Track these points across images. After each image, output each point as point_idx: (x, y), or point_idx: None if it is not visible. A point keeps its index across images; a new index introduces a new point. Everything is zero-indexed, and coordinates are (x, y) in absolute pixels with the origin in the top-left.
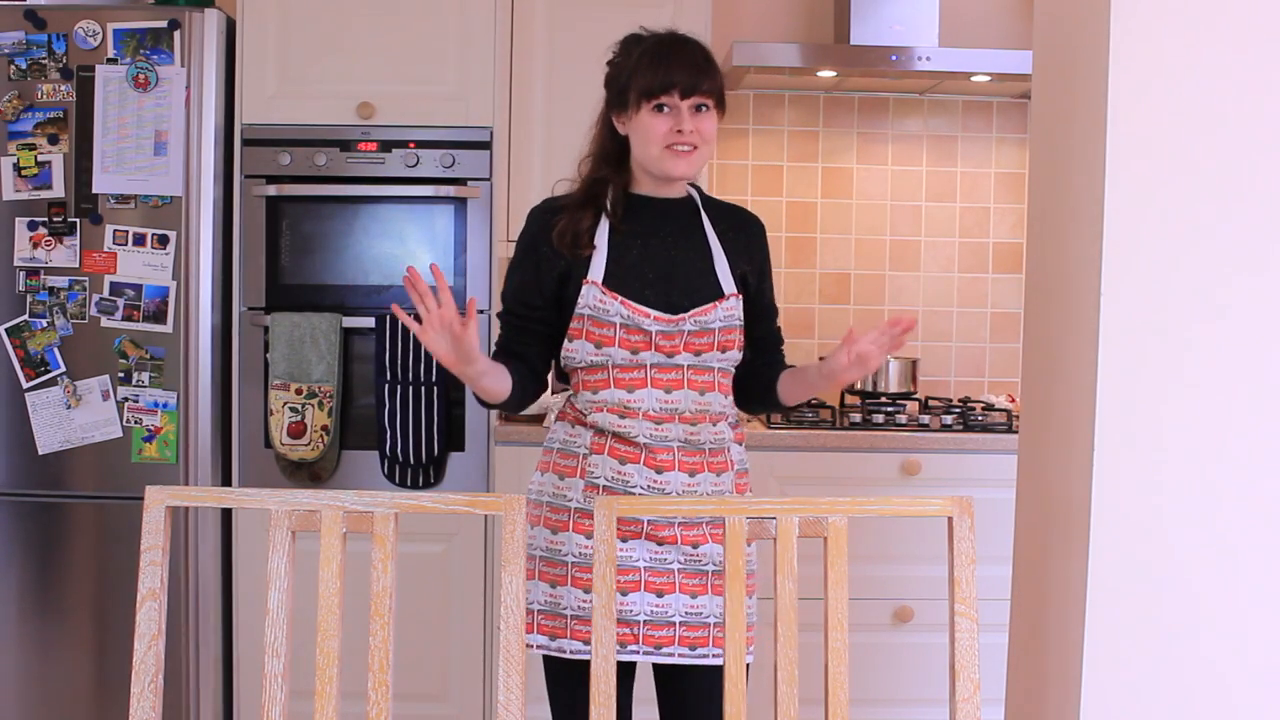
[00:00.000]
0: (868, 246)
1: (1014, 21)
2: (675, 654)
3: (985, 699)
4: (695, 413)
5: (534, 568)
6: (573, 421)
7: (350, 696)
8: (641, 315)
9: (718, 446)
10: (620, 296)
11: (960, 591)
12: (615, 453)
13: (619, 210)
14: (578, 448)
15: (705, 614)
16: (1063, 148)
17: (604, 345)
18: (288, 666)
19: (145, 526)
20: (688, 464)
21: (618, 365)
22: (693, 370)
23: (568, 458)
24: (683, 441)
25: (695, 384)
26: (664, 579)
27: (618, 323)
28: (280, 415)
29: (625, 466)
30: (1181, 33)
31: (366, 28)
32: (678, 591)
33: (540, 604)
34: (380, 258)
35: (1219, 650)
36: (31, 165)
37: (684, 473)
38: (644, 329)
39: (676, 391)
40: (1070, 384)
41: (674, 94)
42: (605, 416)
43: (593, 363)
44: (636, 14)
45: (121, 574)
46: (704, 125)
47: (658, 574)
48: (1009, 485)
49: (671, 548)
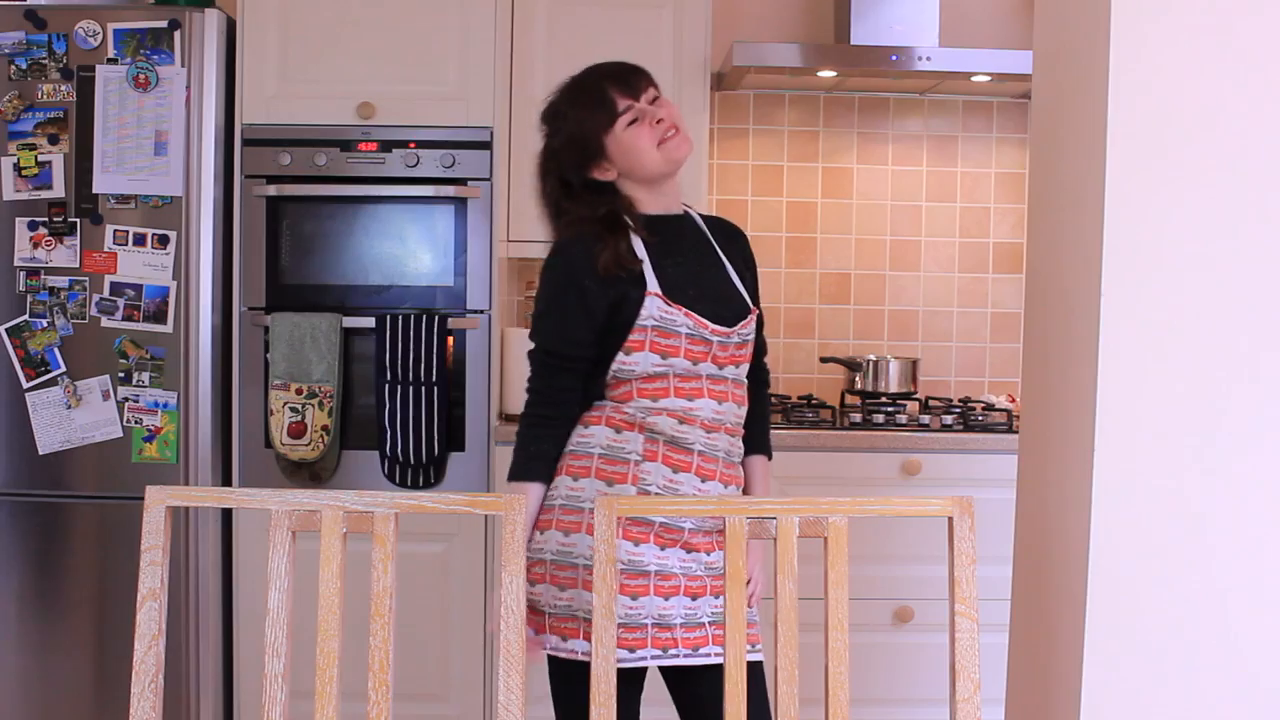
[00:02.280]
0: (868, 246)
1: (1014, 21)
2: (711, 653)
3: (985, 699)
4: (734, 425)
5: (545, 572)
6: (619, 427)
7: (350, 696)
8: (703, 326)
9: (740, 458)
10: (683, 308)
11: (960, 591)
12: (669, 460)
13: (639, 223)
14: (628, 454)
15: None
16: (1063, 148)
17: (669, 355)
18: (288, 666)
19: (145, 526)
20: (726, 475)
21: (679, 374)
22: (734, 383)
23: (614, 463)
24: (725, 453)
25: (737, 397)
26: (698, 583)
27: (683, 333)
28: (280, 415)
29: (678, 475)
30: (1182, 32)
31: (366, 28)
32: (709, 594)
33: (554, 608)
34: (380, 258)
35: (1219, 650)
36: (32, 165)
37: (721, 483)
38: (706, 339)
39: (725, 404)
40: (1070, 384)
41: (629, 100)
42: (666, 420)
43: (654, 372)
44: (636, 14)
45: (121, 574)
46: (670, 109)
47: (694, 578)
48: (1009, 485)
49: (699, 554)
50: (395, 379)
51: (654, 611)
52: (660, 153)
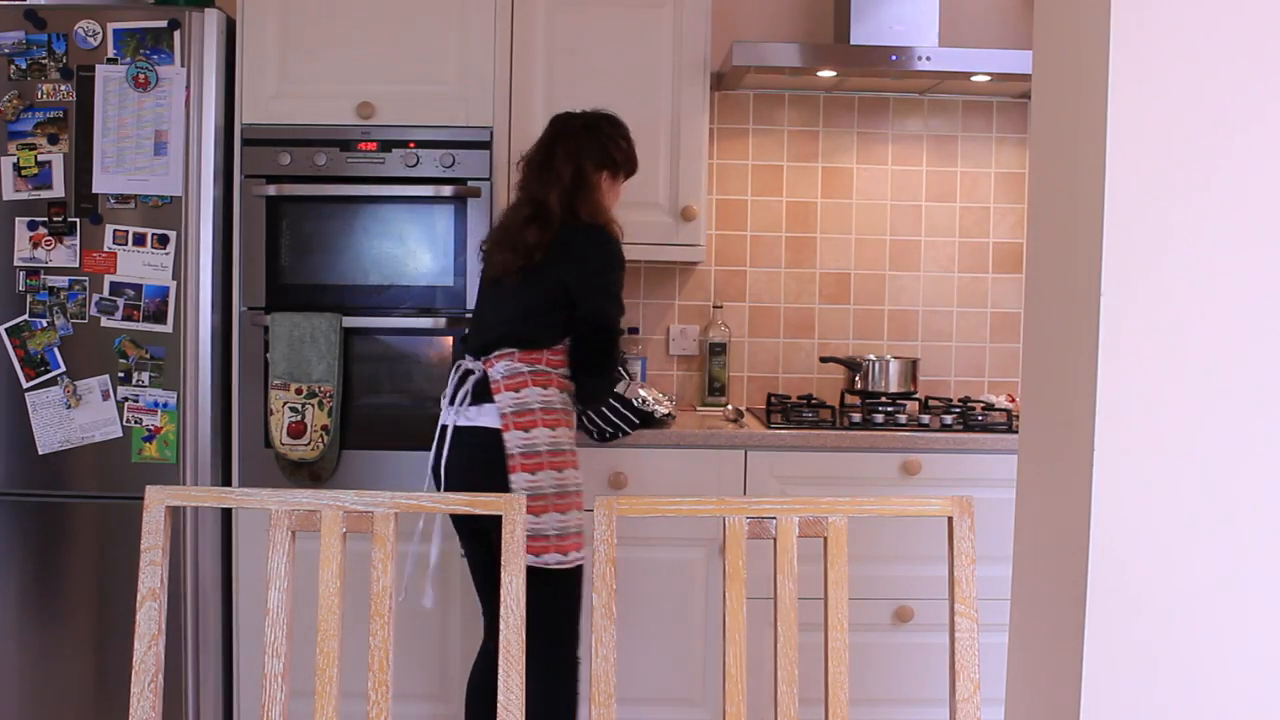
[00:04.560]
0: (868, 246)
1: (1014, 21)
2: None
3: (985, 699)
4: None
5: (547, 504)
6: (561, 387)
7: (350, 696)
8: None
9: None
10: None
11: (960, 591)
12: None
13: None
14: (569, 405)
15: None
16: (1063, 148)
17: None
18: (288, 666)
19: (145, 526)
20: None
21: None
22: None
23: (566, 413)
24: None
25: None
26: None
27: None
28: (280, 415)
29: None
30: (1182, 32)
31: (366, 28)
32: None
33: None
34: (380, 258)
35: (1220, 650)
36: (31, 165)
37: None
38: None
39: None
40: (1070, 384)
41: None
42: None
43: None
44: (636, 14)
45: (121, 574)
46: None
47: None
48: (1009, 485)
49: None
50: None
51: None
52: (610, 212)
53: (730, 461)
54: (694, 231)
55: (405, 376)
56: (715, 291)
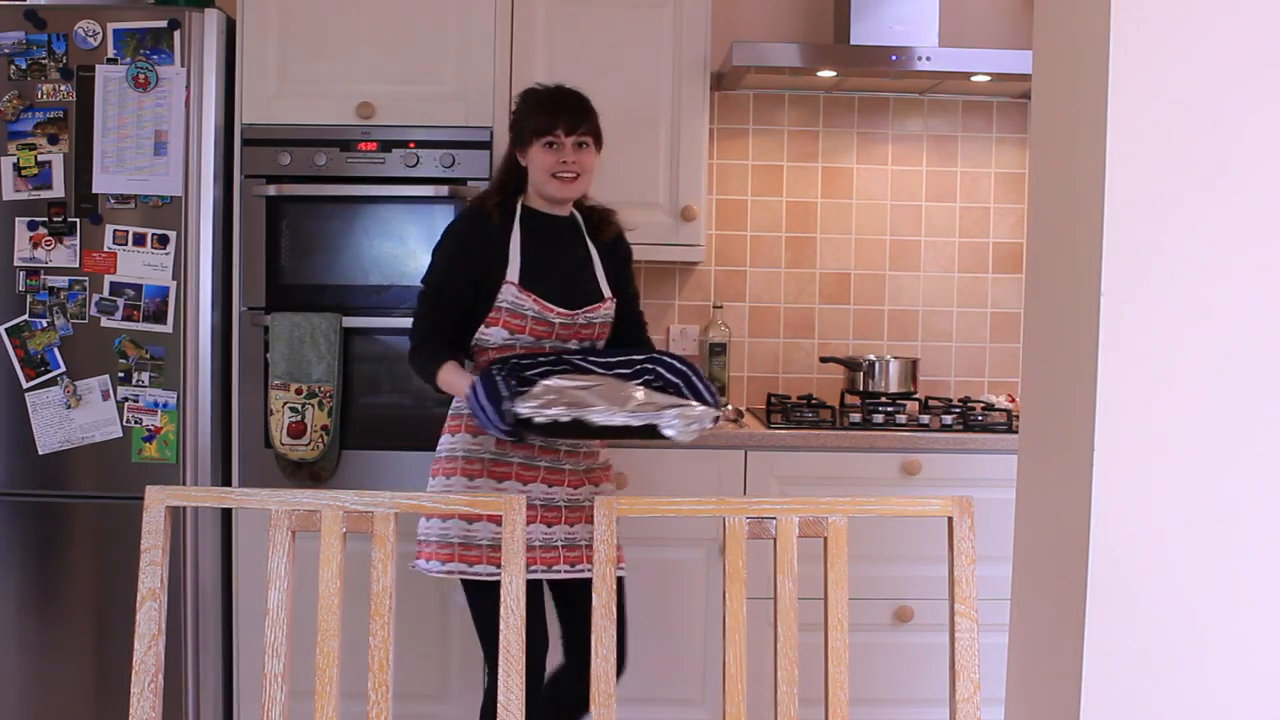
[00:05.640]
0: (868, 246)
1: (1014, 21)
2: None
3: (985, 699)
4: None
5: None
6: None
7: (350, 696)
8: (547, 310)
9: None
10: (533, 295)
11: (960, 591)
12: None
13: (520, 215)
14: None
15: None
16: (1063, 148)
17: (516, 332)
18: (288, 666)
19: (145, 526)
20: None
21: (524, 347)
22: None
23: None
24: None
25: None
26: (553, 514)
27: (529, 315)
28: (280, 415)
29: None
30: (1182, 32)
31: (366, 28)
32: (564, 523)
33: (459, 537)
34: (380, 258)
35: (1219, 650)
36: (31, 165)
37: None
38: (549, 321)
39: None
40: (1070, 384)
41: (559, 133)
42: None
43: (504, 343)
44: (636, 14)
45: (121, 574)
46: (584, 158)
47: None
48: (1009, 485)
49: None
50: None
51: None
52: (546, 180)
53: (730, 461)
54: (694, 231)
55: (405, 376)
56: (715, 291)
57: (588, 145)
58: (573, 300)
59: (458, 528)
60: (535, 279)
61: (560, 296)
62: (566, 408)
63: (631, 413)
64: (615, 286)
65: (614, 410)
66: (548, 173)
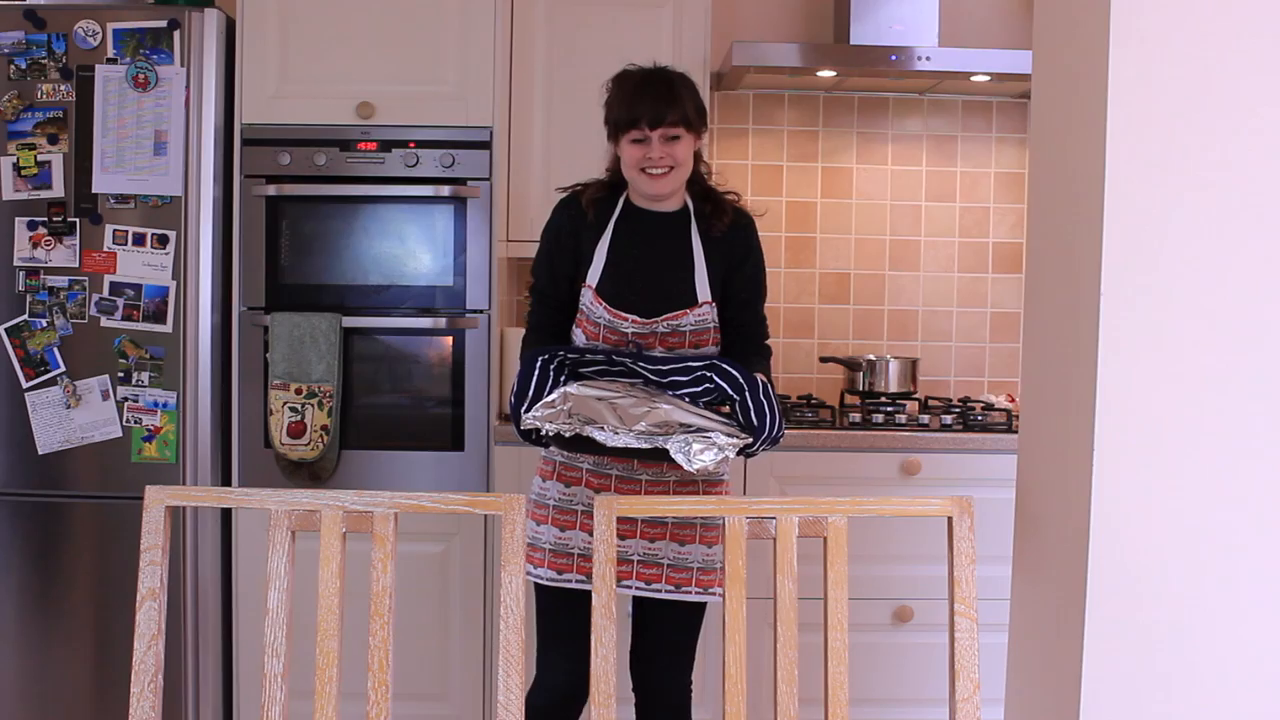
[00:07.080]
0: (868, 246)
1: (1014, 21)
2: (633, 586)
3: (985, 699)
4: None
5: (547, 515)
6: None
7: (350, 696)
8: (619, 319)
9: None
10: (604, 303)
11: (960, 591)
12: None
13: (615, 209)
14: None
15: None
16: (1063, 148)
17: (592, 339)
18: (288, 666)
19: (145, 526)
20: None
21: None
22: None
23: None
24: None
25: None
26: (626, 525)
27: (601, 324)
28: (280, 415)
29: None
30: (1182, 32)
31: (366, 28)
32: (639, 537)
33: (551, 544)
34: (380, 258)
35: (1219, 650)
36: (31, 165)
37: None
38: (622, 331)
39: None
40: (1070, 384)
41: (643, 127)
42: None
43: (588, 347)
44: (636, 14)
45: (121, 574)
46: (675, 150)
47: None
48: (1009, 485)
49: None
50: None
51: (579, 543)
52: (636, 176)
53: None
54: None
55: (405, 376)
56: None
57: (680, 137)
58: (654, 306)
59: (550, 534)
60: (613, 284)
61: (639, 302)
62: (577, 420)
63: (638, 434)
64: (724, 289)
65: (621, 430)
66: (636, 168)
